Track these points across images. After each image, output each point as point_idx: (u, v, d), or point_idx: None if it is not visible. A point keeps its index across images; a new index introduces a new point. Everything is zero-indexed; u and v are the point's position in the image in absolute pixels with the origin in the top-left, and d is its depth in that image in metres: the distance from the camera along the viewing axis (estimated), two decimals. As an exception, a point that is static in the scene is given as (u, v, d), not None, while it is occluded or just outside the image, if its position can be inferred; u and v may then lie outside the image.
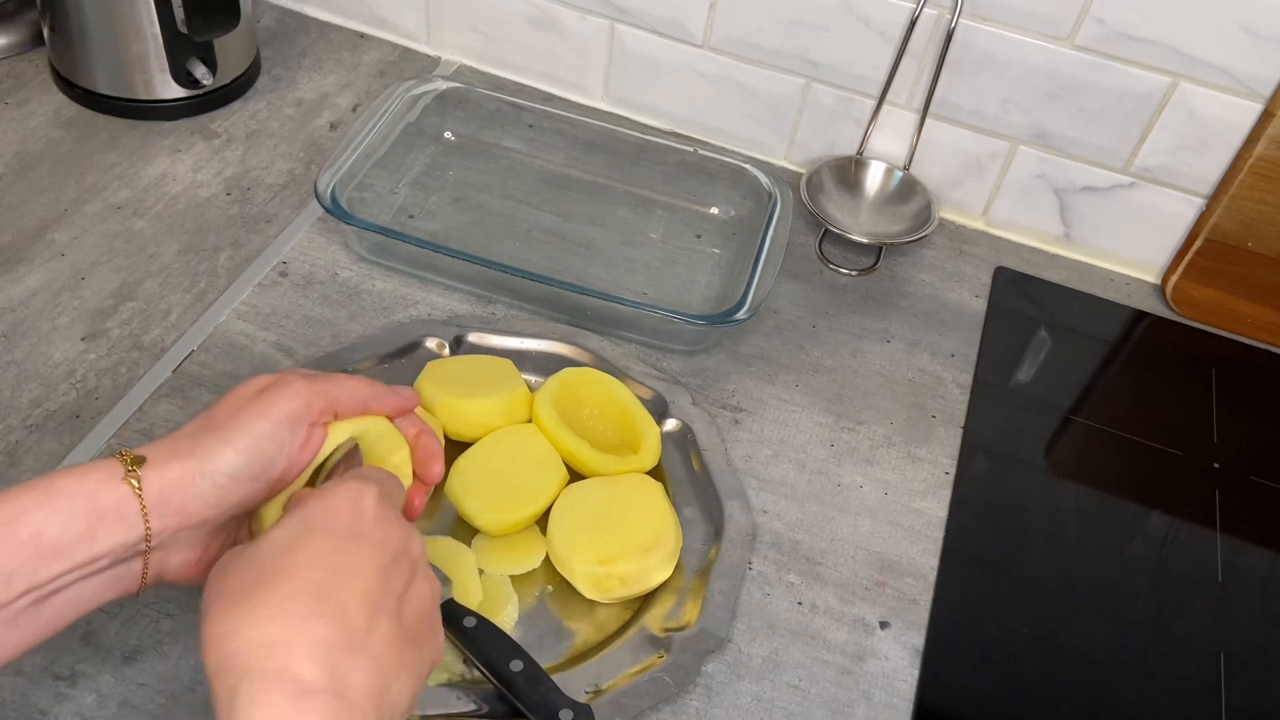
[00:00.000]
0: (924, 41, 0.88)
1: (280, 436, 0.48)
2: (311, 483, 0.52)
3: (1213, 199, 0.88)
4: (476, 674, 0.59)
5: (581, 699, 0.58)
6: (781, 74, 0.94)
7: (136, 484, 0.45)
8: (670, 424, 0.74)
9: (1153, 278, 0.95)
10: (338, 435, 0.53)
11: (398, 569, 0.45)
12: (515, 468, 0.67)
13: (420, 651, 0.45)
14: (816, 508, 0.72)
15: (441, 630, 0.48)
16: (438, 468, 0.57)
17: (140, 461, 0.45)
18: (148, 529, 0.45)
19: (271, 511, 0.51)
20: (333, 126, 0.95)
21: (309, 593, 0.41)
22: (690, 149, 0.91)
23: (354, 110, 0.97)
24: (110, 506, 0.44)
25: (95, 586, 0.46)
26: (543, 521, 0.67)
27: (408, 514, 0.56)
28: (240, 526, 0.52)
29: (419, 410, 0.59)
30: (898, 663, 0.65)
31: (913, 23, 0.86)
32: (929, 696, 0.64)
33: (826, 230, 0.92)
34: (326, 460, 0.52)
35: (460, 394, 0.70)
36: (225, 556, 0.45)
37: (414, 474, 0.57)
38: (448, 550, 0.64)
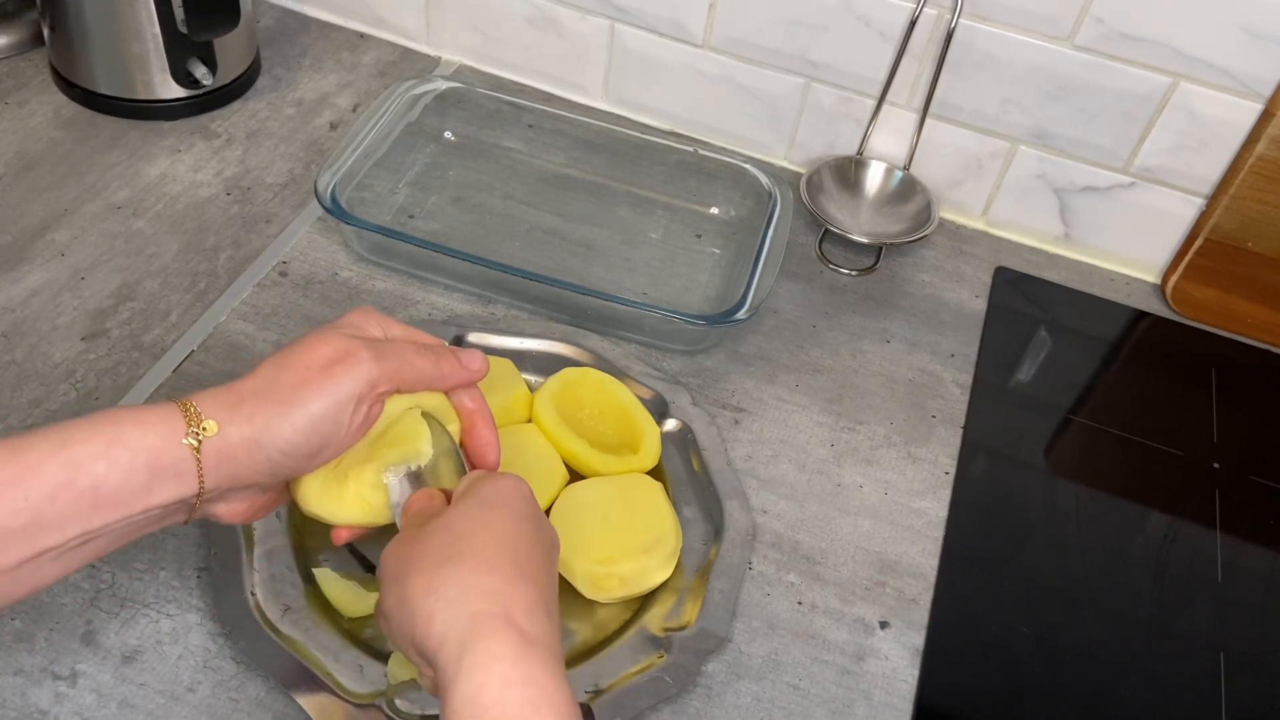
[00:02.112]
0: (924, 41, 0.88)
1: (340, 418, 0.48)
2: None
3: (1213, 199, 0.88)
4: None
5: (581, 699, 0.58)
6: (781, 74, 0.94)
7: (197, 445, 0.45)
8: (670, 424, 0.74)
9: (1153, 278, 0.95)
10: (394, 407, 0.52)
11: (555, 551, 0.49)
12: (515, 468, 0.67)
13: None
14: (816, 508, 0.72)
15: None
16: (493, 456, 0.56)
17: (201, 421, 0.46)
18: (202, 486, 0.46)
19: (307, 485, 0.51)
20: (333, 126, 0.95)
21: (510, 558, 0.45)
22: (690, 149, 0.91)
23: (354, 110, 0.97)
24: (170, 464, 0.45)
25: (140, 527, 0.47)
26: (543, 521, 0.67)
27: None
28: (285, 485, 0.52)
29: None
30: (898, 663, 0.65)
31: (913, 23, 0.86)
32: (929, 696, 0.64)
33: (826, 230, 0.92)
34: (420, 448, 0.52)
35: (460, 394, 0.69)
36: (405, 535, 0.48)
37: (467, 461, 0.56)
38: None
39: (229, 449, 0.46)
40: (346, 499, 0.51)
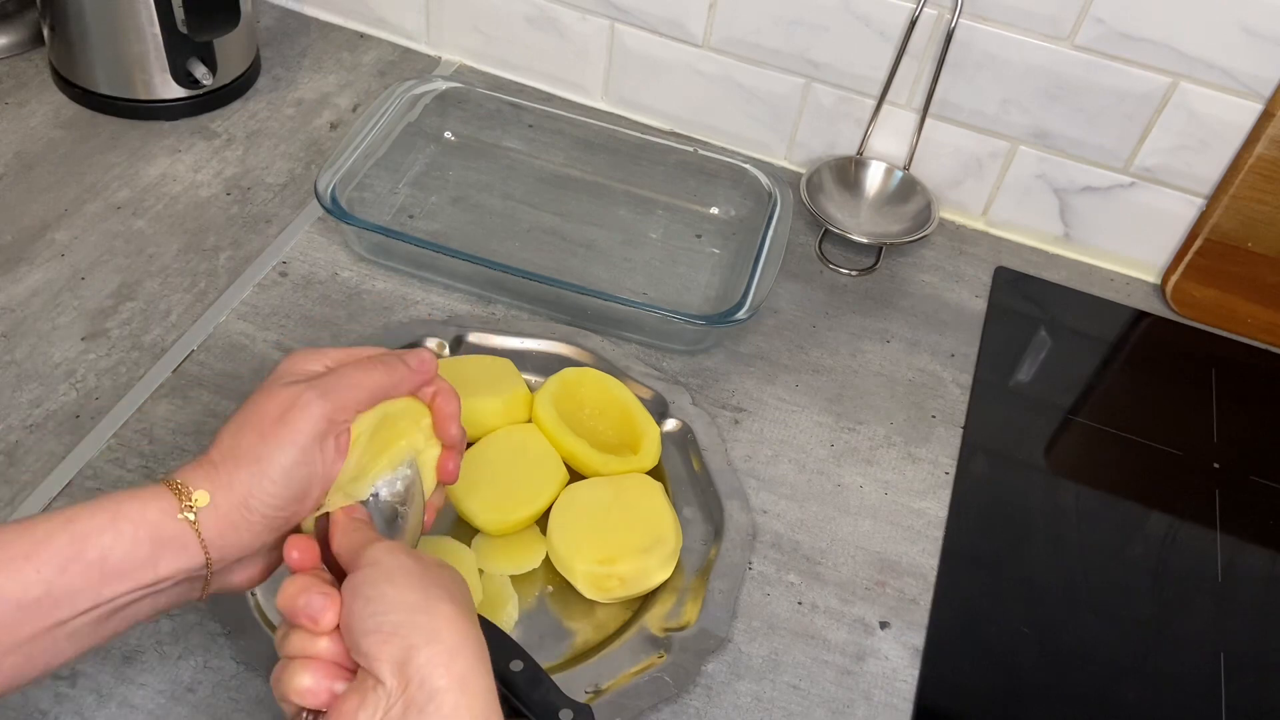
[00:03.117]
0: (924, 41, 0.88)
1: (311, 460, 0.49)
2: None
3: (1213, 199, 0.88)
4: (476, 674, 0.59)
5: (581, 699, 0.58)
6: (781, 74, 0.94)
7: (194, 518, 0.46)
8: (670, 424, 0.74)
9: (1153, 278, 0.95)
10: (361, 427, 0.52)
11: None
12: (515, 468, 0.67)
13: None
14: (816, 508, 0.72)
15: None
16: (455, 429, 0.56)
17: (199, 503, 0.47)
18: (208, 558, 0.47)
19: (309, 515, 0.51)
20: (333, 126, 0.95)
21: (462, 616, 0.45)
22: (690, 149, 0.91)
23: (354, 110, 0.97)
24: (171, 536, 0.46)
25: (157, 603, 0.47)
26: (543, 521, 0.67)
27: (444, 479, 0.56)
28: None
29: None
30: (898, 663, 0.65)
31: (913, 23, 0.86)
32: (929, 696, 0.64)
33: (826, 230, 0.92)
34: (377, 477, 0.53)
35: (460, 394, 0.69)
36: (364, 576, 0.46)
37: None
38: (448, 550, 0.64)
39: (223, 519, 0.47)
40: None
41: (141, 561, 0.45)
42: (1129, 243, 0.94)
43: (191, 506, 0.46)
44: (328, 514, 0.51)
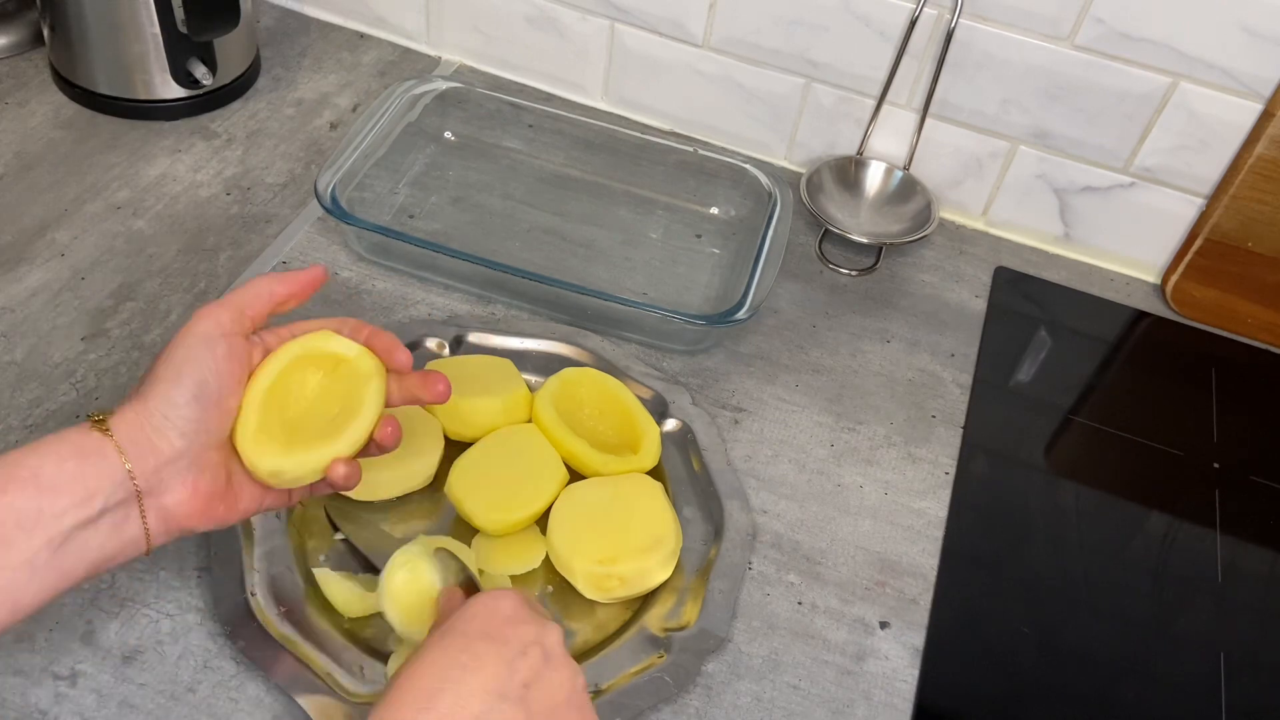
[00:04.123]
0: (924, 41, 0.88)
1: (199, 356, 0.52)
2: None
3: (1213, 199, 0.88)
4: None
5: (581, 699, 0.58)
6: (781, 74, 0.94)
7: (105, 430, 0.50)
8: (670, 424, 0.74)
9: (1153, 278, 0.95)
10: (284, 353, 0.55)
11: (524, 660, 0.48)
12: (515, 468, 0.67)
13: None
14: (816, 508, 0.72)
15: (592, 714, 0.50)
16: (402, 355, 0.57)
17: (105, 415, 0.50)
18: (129, 468, 0.49)
19: (241, 428, 0.53)
20: (333, 126, 0.95)
21: (423, 689, 0.45)
22: (690, 149, 0.91)
23: (354, 110, 0.97)
24: (92, 447, 0.49)
25: (100, 537, 0.49)
26: (543, 521, 0.67)
27: (435, 398, 0.59)
28: (227, 460, 0.54)
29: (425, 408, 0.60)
30: (898, 663, 0.65)
31: (913, 23, 0.86)
32: (929, 696, 0.64)
33: (826, 230, 0.92)
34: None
35: (460, 394, 0.69)
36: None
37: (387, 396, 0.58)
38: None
39: (132, 425, 0.50)
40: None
41: (70, 476, 0.48)
42: (1129, 243, 0.94)
43: (103, 421, 0.50)
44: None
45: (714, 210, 0.92)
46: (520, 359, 0.75)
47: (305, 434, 0.54)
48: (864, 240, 0.90)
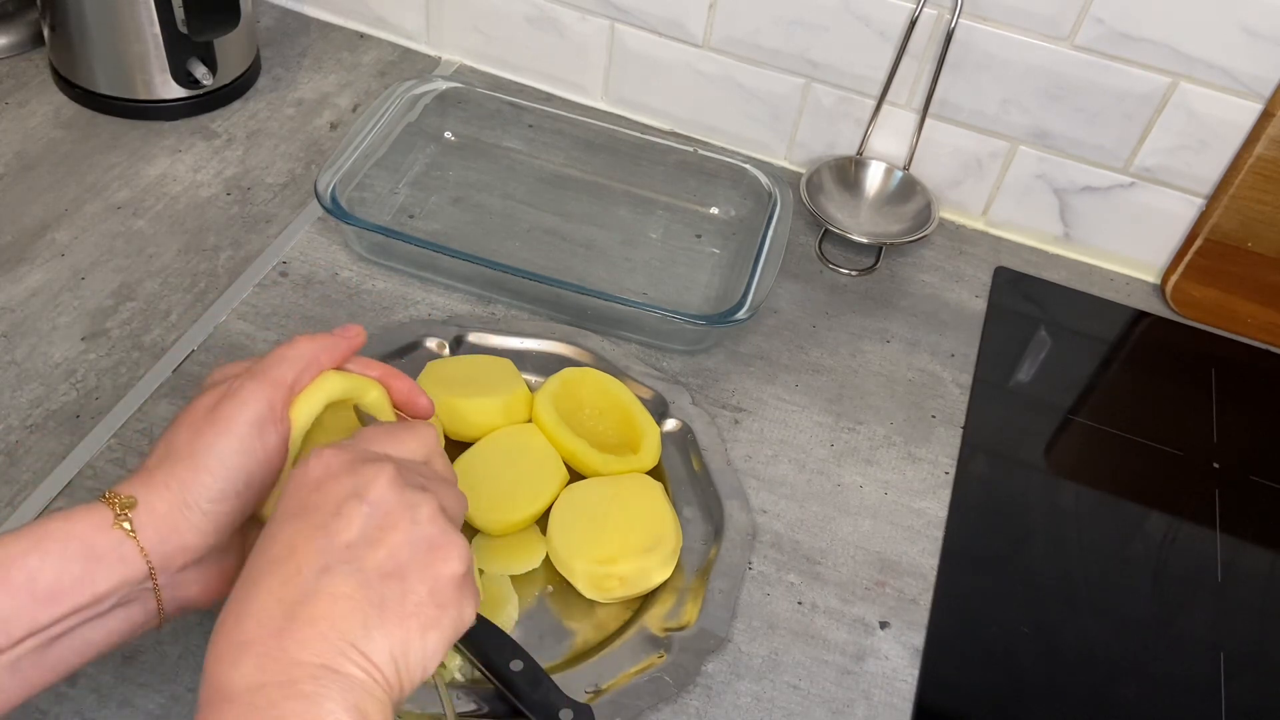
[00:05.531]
0: (924, 41, 0.88)
1: (250, 447, 0.47)
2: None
3: (1213, 199, 0.88)
4: (476, 674, 0.59)
5: (581, 699, 0.58)
6: (781, 74, 0.94)
7: (129, 526, 0.44)
8: (670, 424, 0.74)
9: (1153, 278, 0.95)
10: (302, 414, 0.51)
11: (339, 520, 0.42)
12: (515, 468, 0.67)
13: (404, 599, 0.42)
14: (816, 508, 0.72)
15: (454, 557, 0.44)
16: (422, 400, 0.55)
17: (130, 504, 0.45)
18: (151, 569, 0.45)
19: (270, 507, 0.51)
20: (333, 126, 0.95)
21: (233, 614, 0.41)
22: (690, 149, 0.91)
23: (354, 110, 0.97)
24: (106, 549, 0.44)
25: (107, 627, 0.46)
26: (543, 521, 0.67)
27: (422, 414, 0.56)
28: (246, 533, 0.51)
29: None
30: (898, 663, 0.65)
31: (913, 23, 0.86)
32: (929, 696, 0.64)
33: (826, 230, 0.92)
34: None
35: (460, 394, 0.70)
36: None
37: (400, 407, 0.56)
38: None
39: (162, 520, 0.45)
40: None
41: (75, 580, 0.43)
42: (1129, 243, 0.94)
43: (126, 514, 0.44)
44: None
45: (714, 210, 0.92)
46: (520, 359, 0.75)
47: None
48: (864, 240, 0.90)
